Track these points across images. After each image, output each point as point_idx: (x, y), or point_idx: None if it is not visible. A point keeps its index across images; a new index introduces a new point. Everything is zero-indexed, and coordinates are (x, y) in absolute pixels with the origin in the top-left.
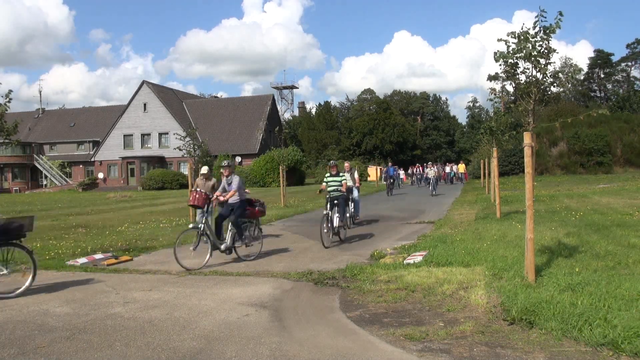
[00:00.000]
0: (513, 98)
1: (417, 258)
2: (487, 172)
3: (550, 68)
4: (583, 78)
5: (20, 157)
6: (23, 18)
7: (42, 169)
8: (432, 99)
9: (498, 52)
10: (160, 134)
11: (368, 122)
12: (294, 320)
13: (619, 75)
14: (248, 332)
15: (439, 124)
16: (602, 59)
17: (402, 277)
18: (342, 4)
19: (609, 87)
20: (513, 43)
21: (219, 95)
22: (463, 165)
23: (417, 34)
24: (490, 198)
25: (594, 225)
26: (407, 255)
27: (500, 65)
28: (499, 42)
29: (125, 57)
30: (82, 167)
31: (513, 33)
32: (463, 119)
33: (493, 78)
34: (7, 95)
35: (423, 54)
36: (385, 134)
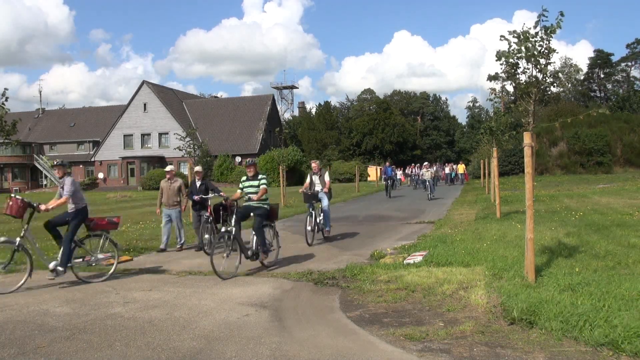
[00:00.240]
0: (513, 98)
1: (417, 258)
2: (487, 172)
3: (550, 68)
4: (583, 78)
5: (20, 157)
6: (23, 18)
7: (42, 169)
8: (432, 99)
9: (500, 51)
10: (160, 134)
11: (368, 122)
12: (294, 320)
13: (619, 75)
14: (248, 332)
15: (439, 124)
16: (602, 59)
17: (402, 277)
18: (342, 4)
19: (609, 87)
20: (514, 43)
21: (219, 95)
22: (463, 166)
23: (417, 34)
24: (490, 198)
25: (594, 225)
26: (407, 255)
27: (502, 65)
28: (501, 40)
29: (125, 57)
30: (82, 167)
31: (514, 32)
32: (463, 119)
33: (493, 78)
34: (3, 94)
35: (423, 54)
36: (385, 134)
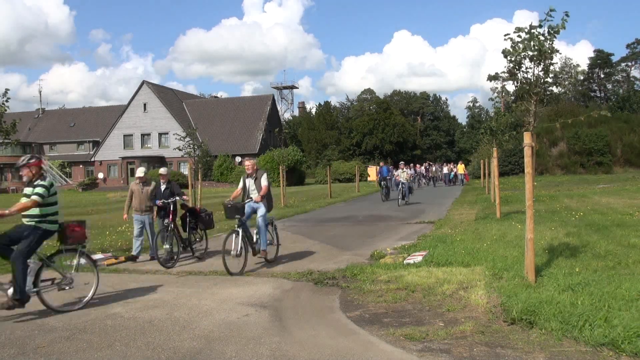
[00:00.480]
0: (513, 98)
1: (417, 258)
2: (487, 172)
3: (552, 68)
4: (583, 78)
5: (20, 157)
6: (24, 18)
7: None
8: (432, 99)
9: (507, 49)
10: (160, 134)
11: (368, 122)
12: (294, 320)
13: (619, 75)
14: (248, 332)
15: (439, 124)
16: (602, 59)
17: (402, 277)
18: (342, 4)
19: (609, 87)
20: (519, 42)
21: (219, 95)
22: (462, 166)
23: (417, 34)
24: (490, 198)
25: (594, 225)
26: (407, 255)
27: (510, 62)
28: (506, 40)
29: (125, 57)
30: (82, 167)
31: (520, 29)
32: (463, 119)
33: (493, 78)
34: (4, 95)
35: (423, 54)
36: (385, 134)
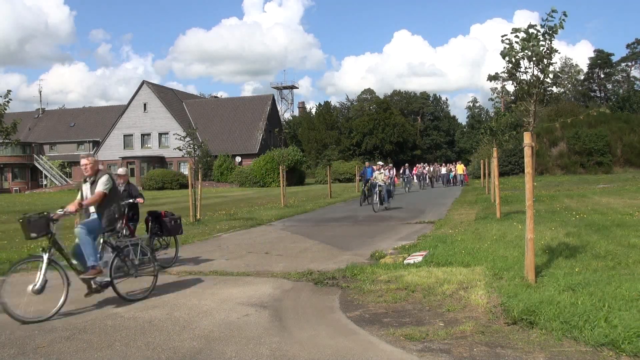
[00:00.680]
0: (513, 98)
1: (417, 258)
2: (487, 172)
3: (551, 68)
4: (583, 78)
5: (20, 157)
6: (24, 18)
7: (42, 169)
8: (432, 99)
9: (505, 49)
10: (160, 134)
11: (368, 122)
12: (294, 320)
13: (619, 75)
14: (248, 332)
15: (439, 124)
16: (602, 59)
17: (402, 277)
18: (342, 4)
19: (609, 87)
20: (516, 42)
21: (219, 95)
22: (462, 166)
23: (417, 34)
24: (490, 198)
25: (594, 226)
26: (407, 255)
27: (508, 63)
28: (503, 41)
29: (125, 57)
30: None
31: (518, 29)
32: (463, 119)
33: (493, 78)
34: (6, 95)
35: (423, 54)
36: (385, 134)
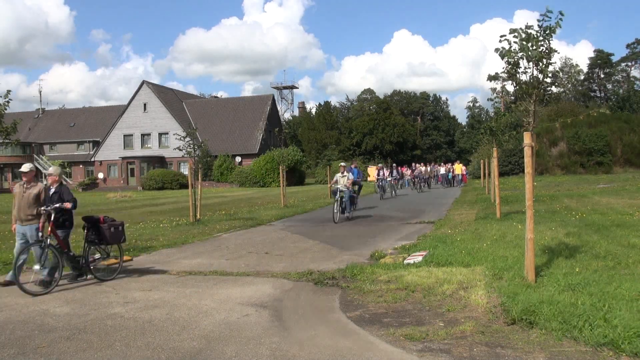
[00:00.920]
0: (513, 98)
1: (417, 258)
2: (487, 172)
3: (551, 68)
4: (583, 78)
5: (20, 157)
6: (24, 18)
7: (42, 169)
8: (432, 99)
9: (502, 49)
10: (160, 134)
11: (368, 122)
12: (294, 320)
13: (619, 75)
14: (248, 332)
15: (439, 124)
16: (602, 59)
17: (402, 277)
18: (342, 4)
19: (609, 87)
20: (515, 42)
21: (219, 95)
22: (460, 166)
23: (417, 34)
24: (490, 198)
25: (594, 225)
26: (407, 255)
27: (508, 63)
28: (502, 41)
29: (125, 57)
30: (82, 167)
31: (515, 30)
32: (463, 119)
33: (493, 78)
34: (6, 95)
35: (423, 54)
36: (385, 134)
